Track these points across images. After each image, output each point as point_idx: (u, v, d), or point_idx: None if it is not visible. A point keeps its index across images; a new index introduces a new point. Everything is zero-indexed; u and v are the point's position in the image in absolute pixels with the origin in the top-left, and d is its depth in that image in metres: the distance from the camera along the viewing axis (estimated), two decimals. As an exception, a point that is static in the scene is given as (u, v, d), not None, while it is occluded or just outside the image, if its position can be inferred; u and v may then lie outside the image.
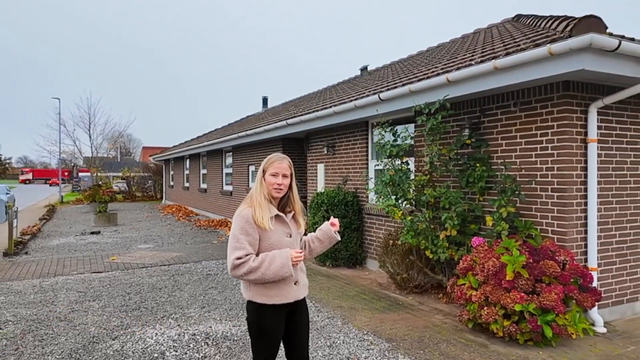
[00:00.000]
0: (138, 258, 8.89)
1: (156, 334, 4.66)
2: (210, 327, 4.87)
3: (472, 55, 5.71)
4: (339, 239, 2.83)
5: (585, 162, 4.80)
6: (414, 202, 6.10)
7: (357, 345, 4.30)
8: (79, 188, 38.73)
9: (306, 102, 12.58)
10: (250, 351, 4.13)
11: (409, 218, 5.85)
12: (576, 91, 4.72)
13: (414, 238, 5.76)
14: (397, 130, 6.25)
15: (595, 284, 4.69)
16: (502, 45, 5.45)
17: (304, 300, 2.71)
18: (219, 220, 15.00)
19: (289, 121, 9.27)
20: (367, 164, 8.11)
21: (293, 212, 2.67)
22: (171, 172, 25.13)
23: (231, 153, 15.11)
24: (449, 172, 5.82)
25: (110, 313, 5.37)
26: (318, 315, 5.24)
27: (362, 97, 7.04)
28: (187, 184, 21.26)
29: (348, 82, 13.32)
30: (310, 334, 4.57)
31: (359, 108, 7.13)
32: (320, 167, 9.54)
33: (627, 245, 5.16)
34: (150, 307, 5.62)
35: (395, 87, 6.28)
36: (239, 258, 2.42)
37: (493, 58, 4.69)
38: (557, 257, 4.44)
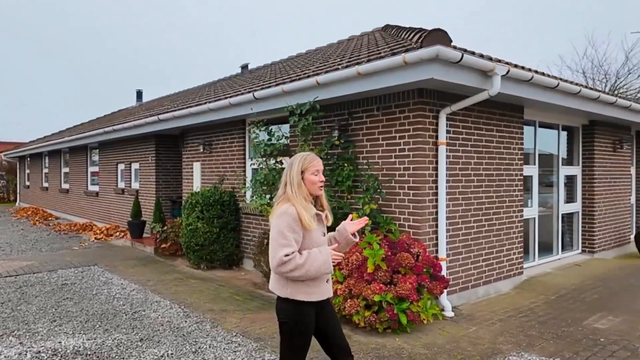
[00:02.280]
0: (-24, 270, 7.67)
1: (-11, 356, 4.05)
2: (60, 342, 4.37)
3: (341, 60, 5.97)
4: (357, 240, 2.78)
5: (436, 162, 5.30)
6: (287, 201, 6.17)
7: (224, 349, 4.21)
8: None
9: (182, 98, 12.04)
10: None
11: (282, 217, 5.90)
12: (429, 98, 5.19)
13: (286, 236, 5.82)
14: (271, 129, 6.27)
15: (444, 272, 5.21)
16: (367, 52, 5.78)
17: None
18: (83, 223, 13.64)
19: (161, 117, 8.78)
20: (244, 163, 8.02)
21: (325, 211, 2.72)
22: (27, 171, 22.23)
23: (98, 150, 13.84)
24: (320, 172, 5.99)
25: None
26: (186, 321, 5.02)
27: (238, 95, 6.94)
28: (45, 184, 18.99)
29: (228, 80, 13.06)
30: (175, 341, 4.38)
31: (234, 106, 7.01)
32: (197, 166, 9.19)
33: (472, 237, 5.83)
34: (-15, 325, 4.87)
35: (270, 87, 6.30)
36: (287, 255, 2.42)
37: (357, 64, 4.95)
38: (412, 250, 4.83)
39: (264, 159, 6.15)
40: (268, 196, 6.11)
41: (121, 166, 12.47)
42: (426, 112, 5.16)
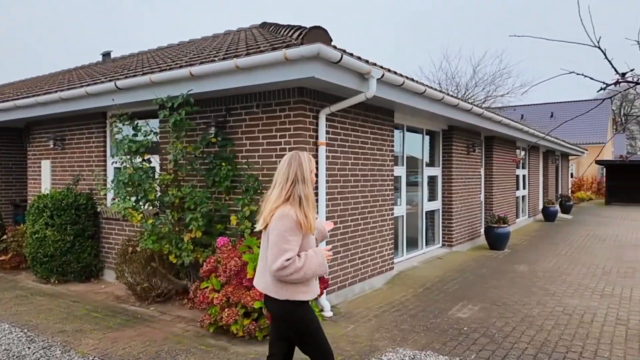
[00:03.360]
0: None
1: None
2: None
3: (217, 53, 5.61)
4: (328, 237, 3.04)
5: (317, 162, 5.27)
6: (157, 204, 5.62)
7: (77, 377, 3.60)
8: None
9: (30, 86, 10.39)
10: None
11: (150, 221, 5.34)
12: (309, 97, 5.12)
13: (155, 243, 5.29)
14: (137, 124, 5.64)
15: (324, 273, 5.19)
16: (245, 46, 5.52)
17: None
18: None
19: (0, 106, 7.40)
20: (105, 161, 7.14)
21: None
22: None
23: None
24: (196, 171, 5.57)
25: None
26: (30, 347, 4.22)
27: (97, 84, 6.12)
28: None
29: (87, 68, 11.63)
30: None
31: (92, 96, 6.18)
32: (46, 165, 7.96)
33: (349, 235, 5.93)
34: None
35: (135, 76, 5.66)
36: (288, 260, 2.45)
37: (235, 57, 4.66)
38: (293, 252, 4.71)
39: (129, 157, 5.50)
40: (133, 199, 5.48)
41: (-56, 164, 10.29)
42: (307, 111, 5.09)
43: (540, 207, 16.04)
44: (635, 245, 10.11)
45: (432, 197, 9.12)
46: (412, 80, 6.07)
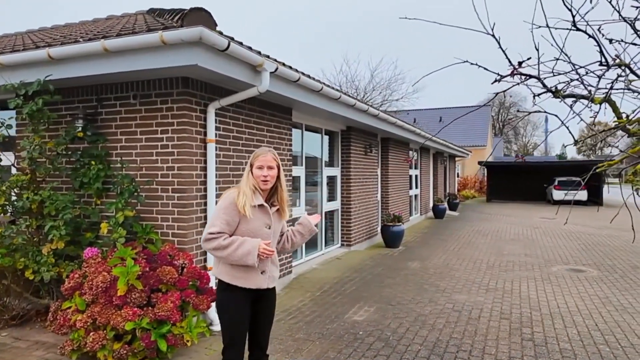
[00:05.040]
0: None
1: None
2: None
3: (87, 35, 4.87)
4: (317, 231, 3.08)
5: (205, 162, 4.80)
6: (10, 210, 4.73)
7: None
8: None
9: None
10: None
11: (0, 231, 4.46)
12: (195, 90, 4.64)
13: (6, 257, 4.42)
14: (-15, 114, 4.69)
15: (212, 283, 4.73)
16: (120, 29, 4.85)
17: (271, 291, 2.86)
18: None
19: None
20: (-53, 159, 5.91)
21: (278, 206, 2.81)
22: None
23: None
24: (59, 171, 4.78)
25: None
26: None
27: None
28: None
29: None
30: None
31: None
32: None
33: (242, 240, 5.52)
34: None
35: (-20, 57, 4.70)
36: (211, 233, 2.61)
37: (104, 38, 4.02)
38: (175, 262, 4.20)
39: (-27, 153, 4.55)
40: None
41: None
42: (193, 104, 4.60)
43: (431, 205, 16.99)
44: (512, 240, 11.04)
45: (331, 197, 9.05)
46: (309, 77, 5.86)
